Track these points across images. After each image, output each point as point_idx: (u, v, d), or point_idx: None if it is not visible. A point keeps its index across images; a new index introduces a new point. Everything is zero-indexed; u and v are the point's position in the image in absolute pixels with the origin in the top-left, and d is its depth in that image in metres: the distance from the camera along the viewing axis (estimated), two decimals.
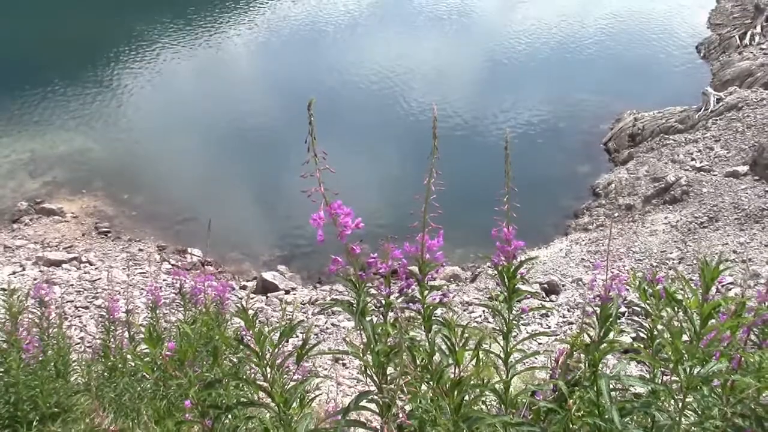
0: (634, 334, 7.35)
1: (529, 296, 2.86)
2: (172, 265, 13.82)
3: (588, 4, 30.04)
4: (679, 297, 2.49)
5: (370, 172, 17.59)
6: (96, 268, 13.62)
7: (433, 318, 2.54)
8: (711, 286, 2.32)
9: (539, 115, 20.78)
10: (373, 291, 2.44)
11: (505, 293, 2.73)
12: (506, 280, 2.71)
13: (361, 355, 2.34)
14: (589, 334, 2.70)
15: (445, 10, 29.16)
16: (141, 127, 19.71)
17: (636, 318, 9.77)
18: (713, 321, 2.36)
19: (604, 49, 25.77)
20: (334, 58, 24.45)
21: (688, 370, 2.30)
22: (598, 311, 2.69)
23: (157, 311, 5.14)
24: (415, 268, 2.51)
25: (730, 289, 10.38)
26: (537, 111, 20.95)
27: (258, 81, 23.23)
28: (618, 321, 2.69)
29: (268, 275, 13.96)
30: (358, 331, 2.36)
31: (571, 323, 11.30)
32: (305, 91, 20.59)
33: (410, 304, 2.53)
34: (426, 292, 2.50)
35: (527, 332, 10.46)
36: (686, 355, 2.30)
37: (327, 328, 11.77)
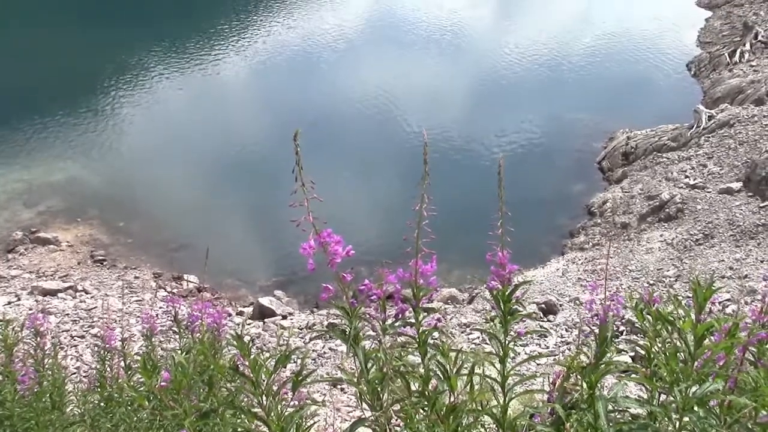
0: (633, 354, 7.32)
1: (525, 319, 2.85)
2: (168, 292, 13.77)
3: (579, 25, 30.33)
4: (673, 318, 2.48)
5: (366, 198, 17.62)
6: (92, 297, 13.56)
7: (429, 342, 2.53)
8: (704, 307, 2.32)
9: (533, 135, 20.88)
10: (367, 317, 2.44)
11: (501, 317, 2.71)
12: (502, 304, 2.70)
13: (355, 382, 2.34)
14: (586, 354, 2.68)
15: (439, 32, 29.40)
16: (136, 155, 19.73)
17: (635, 336, 9.75)
18: (708, 341, 2.36)
19: (596, 68, 25.97)
20: (329, 83, 24.58)
21: (684, 391, 2.30)
22: (595, 332, 2.68)
23: (153, 339, 5.09)
24: (409, 292, 2.51)
25: (727, 306, 10.38)
26: (531, 131, 21.06)
27: (253, 107, 23.32)
28: (615, 340, 2.68)
29: (265, 300, 13.91)
30: (352, 358, 2.36)
31: (570, 343, 11.26)
32: (301, 116, 20.69)
33: (406, 328, 2.53)
34: (421, 316, 2.50)
35: (526, 353, 10.42)
36: (681, 376, 2.30)
37: (325, 353, 11.70)
